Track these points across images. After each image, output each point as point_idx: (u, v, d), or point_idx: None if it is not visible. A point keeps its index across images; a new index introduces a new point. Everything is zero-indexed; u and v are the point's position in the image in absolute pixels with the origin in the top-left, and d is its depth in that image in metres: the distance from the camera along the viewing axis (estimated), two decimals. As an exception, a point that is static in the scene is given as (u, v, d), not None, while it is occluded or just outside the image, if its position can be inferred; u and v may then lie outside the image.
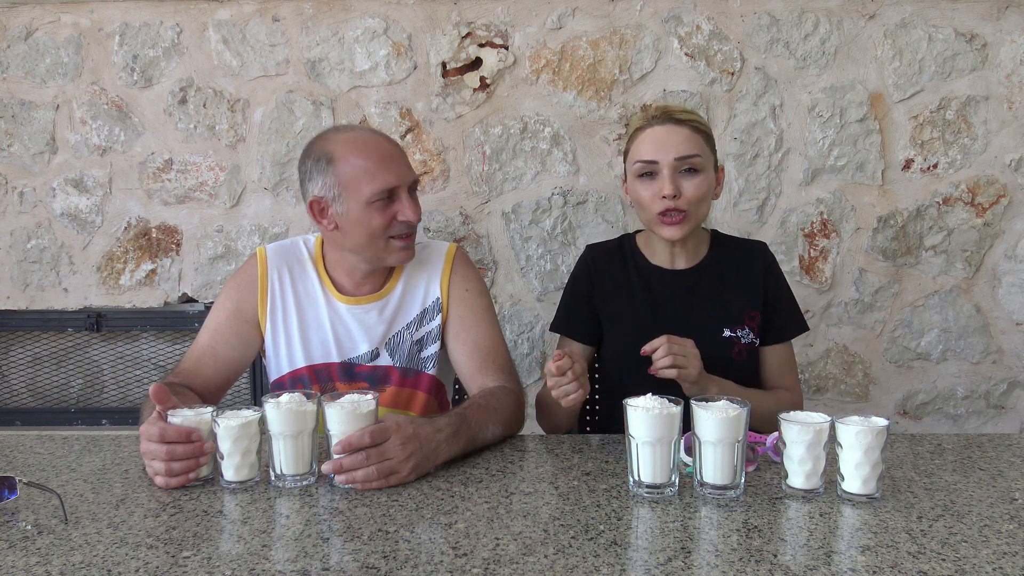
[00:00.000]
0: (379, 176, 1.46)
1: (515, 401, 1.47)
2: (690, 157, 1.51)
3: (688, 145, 1.51)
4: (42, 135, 2.45)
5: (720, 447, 1.13)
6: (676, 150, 1.50)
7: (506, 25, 2.36)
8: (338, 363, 1.59)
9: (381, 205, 1.47)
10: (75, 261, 2.50)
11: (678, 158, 1.50)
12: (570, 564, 0.93)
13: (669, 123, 1.53)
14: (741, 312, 1.61)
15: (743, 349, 1.59)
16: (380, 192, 1.46)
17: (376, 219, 1.47)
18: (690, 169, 1.51)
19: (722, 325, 1.59)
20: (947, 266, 2.40)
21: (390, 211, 1.48)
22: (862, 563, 0.93)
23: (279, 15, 2.38)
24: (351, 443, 1.17)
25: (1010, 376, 2.44)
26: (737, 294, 1.62)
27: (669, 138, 1.52)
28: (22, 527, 1.05)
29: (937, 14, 2.32)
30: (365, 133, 1.53)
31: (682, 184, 1.50)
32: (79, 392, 2.59)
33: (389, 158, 1.48)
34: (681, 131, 1.52)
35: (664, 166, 1.50)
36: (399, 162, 1.50)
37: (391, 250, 1.52)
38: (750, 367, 1.62)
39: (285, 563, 0.94)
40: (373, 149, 1.48)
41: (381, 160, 1.47)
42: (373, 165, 1.46)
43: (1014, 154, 2.35)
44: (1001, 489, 1.17)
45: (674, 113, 1.55)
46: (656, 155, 1.51)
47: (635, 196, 1.56)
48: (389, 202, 1.48)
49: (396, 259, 1.53)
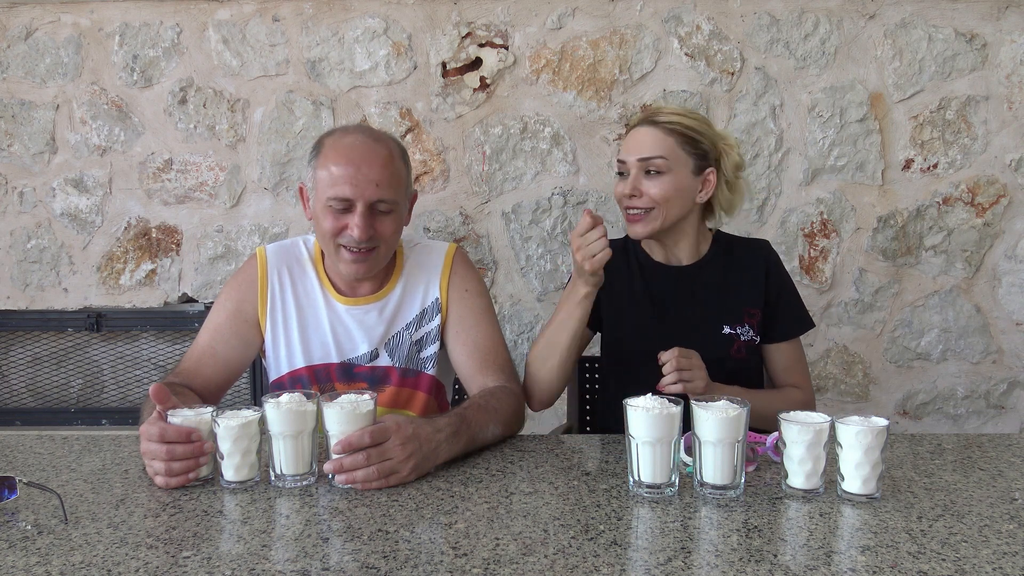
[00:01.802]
0: (338, 184, 1.46)
1: (515, 401, 1.47)
2: (652, 159, 1.54)
3: (653, 147, 1.54)
4: (42, 135, 2.45)
5: (720, 447, 1.13)
6: (639, 151, 1.55)
7: (506, 25, 2.36)
8: (337, 364, 1.59)
9: (335, 212, 1.47)
10: (75, 261, 2.50)
11: (640, 159, 1.54)
12: (570, 564, 0.93)
13: (646, 125, 1.57)
14: (741, 309, 1.61)
15: (742, 346, 1.60)
16: (333, 199, 1.46)
17: (327, 222, 1.48)
18: (654, 171, 1.54)
19: (721, 322, 1.60)
20: (947, 266, 2.40)
21: (342, 220, 1.48)
22: (862, 563, 0.93)
23: (279, 15, 2.38)
24: (351, 443, 1.17)
25: (1010, 376, 2.44)
26: (738, 291, 1.62)
27: (639, 139, 1.56)
28: (22, 527, 1.05)
29: (937, 14, 2.32)
30: (359, 140, 1.50)
31: (644, 184, 1.54)
32: (79, 392, 2.59)
33: (357, 170, 1.46)
34: (653, 133, 1.55)
35: (632, 166, 1.55)
36: (367, 178, 1.46)
37: (341, 259, 1.51)
38: (749, 364, 1.62)
39: (285, 563, 0.94)
40: (350, 158, 1.47)
41: (347, 169, 1.46)
42: (339, 172, 1.46)
43: (1014, 154, 2.35)
44: (1001, 489, 1.17)
45: (657, 114, 1.57)
46: (626, 155, 1.57)
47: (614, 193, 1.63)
48: (343, 212, 1.47)
49: (345, 269, 1.52)
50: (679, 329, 1.61)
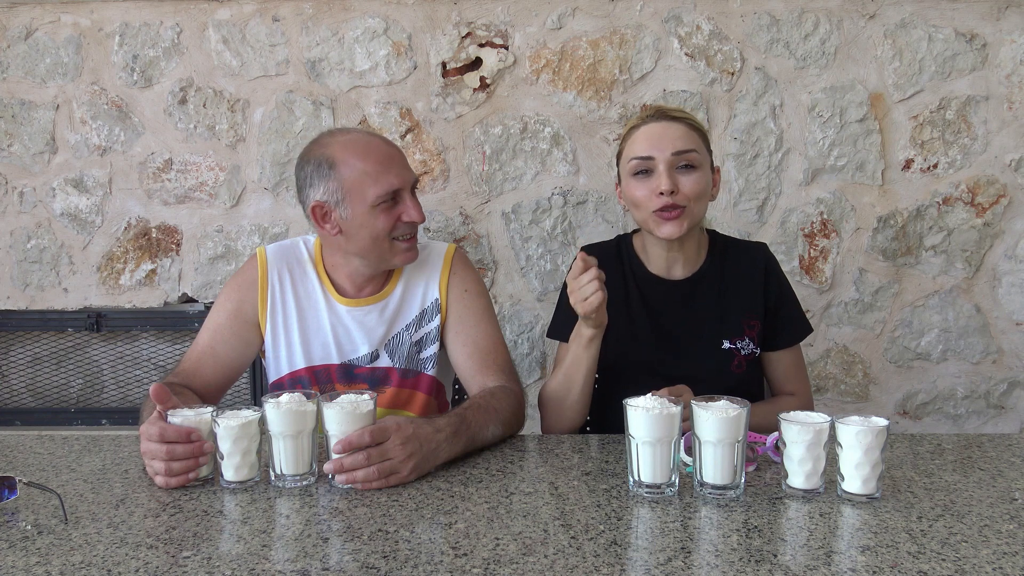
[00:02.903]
0: (382, 179, 1.46)
1: (515, 401, 1.47)
2: (687, 152, 1.47)
3: (685, 140, 1.48)
4: (42, 135, 2.45)
5: (720, 447, 1.13)
6: (672, 145, 1.47)
7: (506, 25, 2.36)
8: (338, 364, 1.59)
9: (385, 207, 1.48)
10: (75, 261, 2.50)
11: (675, 153, 1.46)
12: (570, 564, 0.93)
13: (664, 120, 1.51)
14: (740, 322, 1.57)
15: (742, 360, 1.56)
16: (384, 195, 1.46)
17: (381, 221, 1.47)
18: (687, 165, 1.48)
19: (721, 337, 1.56)
20: (947, 266, 2.40)
21: (394, 213, 1.49)
22: (862, 563, 0.93)
23: (279, 15, 2.38)
24: (351, 442, 1.17)
25: (1010, 376, 2.44)
26: (736, 302, 1.58)
27: (665, 133, 1.48)
28: (22, 527, 1.05)
29: (937, 14, 2.32)
30: (363, 135, 1.52)
31: (679, 180, 1.47)
32: (79, 392, 2.59)
33: (390, 160, 1.49)
34: (677, 127, 1.49)
35: (660, 161, 1.46)
36: (400, 163, 1.50)
37: (396, 251, 1.52)
38: (750, 378, 1.59)
39: (285, 563, 0.94)
40: (373, 152, 1.48)
41: (382, 162, 1.47)
42: (375, 168, 1.46)
43: (1014, 154, 2.35)
44: (1001, 489, 1.17)
45: (668, 111, 1.53)
46: (652, 151, 1.47)
47: (630, 196, 1.52)
48: (393, 204, 1.49)
49: (401, 260, 1.53)
50: (677, 345, 1.56)
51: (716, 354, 1.55)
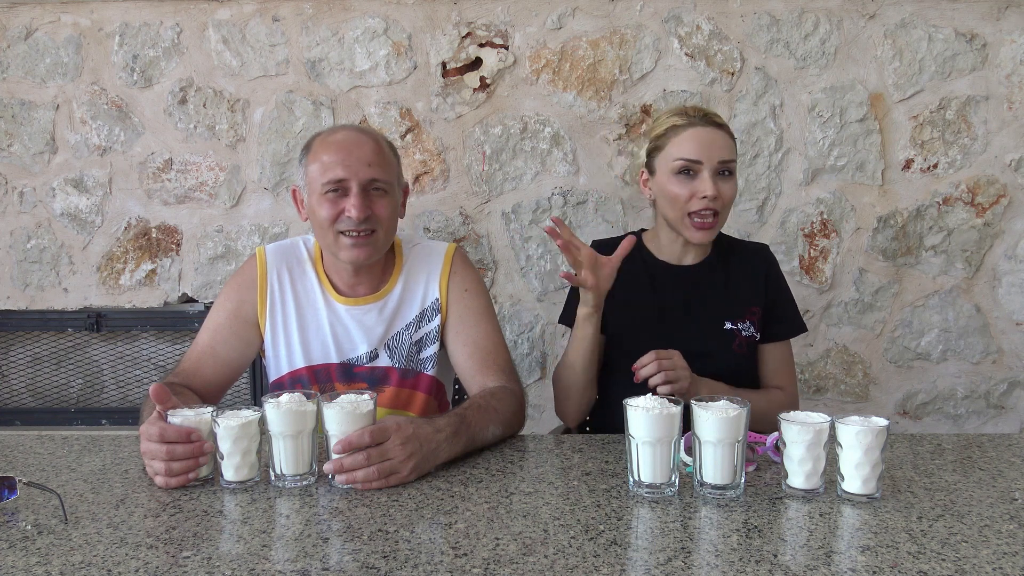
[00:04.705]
0: (329, 169, 1.49)
1: (515, 401, 1.47)
2: (730, 161, 1.56)
3: (729, 150, 1.57)
4: (42, 135, 2.45)
5: (720, 447, 1.13)
6: (720, 153, 1.55)
7: (506, 25, 2.36)
8: (337, 364, 1.59)
9: (331, 197, 1.49)
10: (75, 261, 2.50)
11: (721, 161, 1.55)
12: (570, 564, 0.93)
13: (711, 125, 1.57)
14: (743, 307, 1.64)
15: (744, 341, 1.63)
16: (328, 183, 1.48)
17: (324, 210, 1.49)
18: (728, 172, 1.56)
19: (724, 318, 1.63)
20: (947, 266, 2.40)
21: (339, 205, 1.49)
22: (862, 563, 0.93)
23: (279, 15, 2.38)
24: (351, 442, 1.17)
25: (1010, 376, 2.44)
26: (739, 290, 1.66)
27: (714, 140, 1.56)
28: (22, 527, 1.05)
29: (937, 14, 2.32)
30: (347, 133, 1.54)
31: (720, 187, 1.54)
32: (79, 392, 2.59)
33: (347, 153, 1.49)
34: (723, 135, 1.57)
35: (707, 168, 1.54)
36: (357, 159, 1.49)
37: (340, 246, 1.51)
38: (750, 359, 1.65)
39: (285, 563, 0.94)
40: (339, 146, 1.51)
41: (337, 153, 1.49)
42: (330, 158, 1.49)
43: (1014, 154, 2.35)
44: (1001, 489, 1.17)
45: (713, 116, 1.59)
46: (700, 155, 1.54)
47: (668, 192, 1.58)
48: (339, 196, 1.49)
49: (346, 256, 1.52)
50: (682, 325, 1.63)
51: (719, 333, 1.62)
